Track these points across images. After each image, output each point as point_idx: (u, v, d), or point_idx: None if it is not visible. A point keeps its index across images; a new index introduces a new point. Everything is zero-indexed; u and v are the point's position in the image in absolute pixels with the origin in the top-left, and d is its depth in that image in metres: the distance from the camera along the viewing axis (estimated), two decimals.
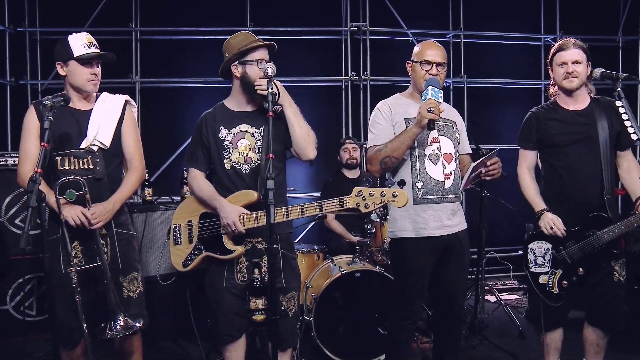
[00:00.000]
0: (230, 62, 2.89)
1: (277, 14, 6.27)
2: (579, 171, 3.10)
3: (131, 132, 3.12)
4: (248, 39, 2.89)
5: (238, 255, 2.85)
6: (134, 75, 6.05)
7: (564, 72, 3.14)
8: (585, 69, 3.12)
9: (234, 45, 2.88)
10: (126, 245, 3.05)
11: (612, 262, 3.09)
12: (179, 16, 6.14)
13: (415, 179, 3.06)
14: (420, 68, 3.10)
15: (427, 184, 3.06)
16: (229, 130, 2.93)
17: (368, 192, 2.61)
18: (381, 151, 3.02)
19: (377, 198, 2.61)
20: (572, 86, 3.12)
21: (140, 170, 3.10)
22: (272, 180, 2.36)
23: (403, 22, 6.42)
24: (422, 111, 2.86)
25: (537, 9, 6.93)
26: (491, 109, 6.89)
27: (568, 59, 3.12)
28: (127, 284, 3.02)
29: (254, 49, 2.86)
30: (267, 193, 2.35)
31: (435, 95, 2.90)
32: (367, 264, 4.30)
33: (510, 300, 5.77)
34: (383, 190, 2.61)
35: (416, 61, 3.13)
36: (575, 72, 3.10)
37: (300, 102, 6.41)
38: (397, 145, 2.97)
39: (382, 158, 3.01)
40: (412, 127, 2.94)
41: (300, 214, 2.73)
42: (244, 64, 2.86)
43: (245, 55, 2.86)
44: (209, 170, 3.02)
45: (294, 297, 2.97)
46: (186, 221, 2.97)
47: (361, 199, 2.62)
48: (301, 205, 2.74)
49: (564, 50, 3.15)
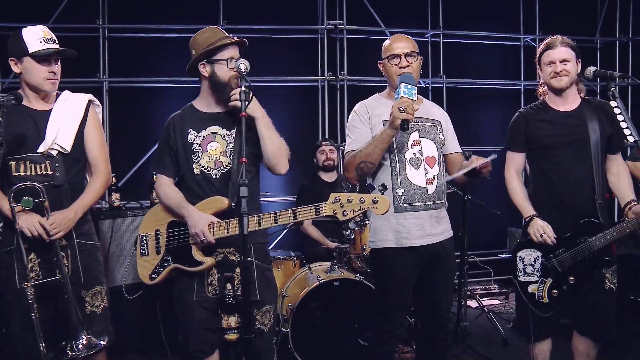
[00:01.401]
0: (197, 60, 2.71)
1: (251, 12, 6.12)
2: (570, 175, 2.98)
3: (95, 134, 2.91)
4: (216, 36, 2.70)
5: (208, 267, 2.68)
6: (101, 75, 5.84)
7: (551, 71, 3.00)
8: (575, 67, 2.99)
9: (201, 42, 2.70)
10: (89, 256, 2.85)
11: (603, 269, 2.97)
12: (149, 13, 5.93)
13: (395, 186, 2.88)
14: (390, 63, 2.92)
15: (408, 190, 2.88)
16: (198, 132, 2.75)
17: (346, 199, 2.44)
18: (356, 157, 2.85)
19: (355, 205, 2.43)
20: (562, 85, 2.99)
21: (105, 175, 2.90)
22: (245, 187, 2.18)
23: (381, 20, 6.34)
24: (394, 111, 2.66)
25: (516, 9, 6.91)
26: (470, 110, 6.83)
27: (556, 58, 2.98)
28: (90, 298, 2.83)
29: (223, 46, 2.67)
30: (239, 201, 2.16)
31: (409, 92, 2.70)
32: (346, 272, 4.16)
33: (492, 305, 5.67)
34: (362, 196, 2.44)
35: (384, 57, 2.96)
36: (563, 70, 2.97)
37: (275, 102, 6.36)
38: (372, 150, 2.79)
39: (358, 164, 2.84)
40: (385, 129, 2.76)
41: (274, 223, 2.56)
42: (212, 63, 2.69)
43: (214, 53, 2.68)
44: (178, 177, 2.85)
45: (270, 310, 2.79)
46: (153, 230, 2.79)
47: (338, 206, 2.44)
48: (274, 212, 2.56)
49: (551, 49, 3.01)
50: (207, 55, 2.68)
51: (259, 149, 2.74)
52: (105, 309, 2.89)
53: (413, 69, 2.89)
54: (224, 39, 2.69)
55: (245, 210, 2.16)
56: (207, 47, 2.66)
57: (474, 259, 6.43)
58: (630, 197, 3.01)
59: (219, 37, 2.69)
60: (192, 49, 2.74)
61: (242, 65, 2.45)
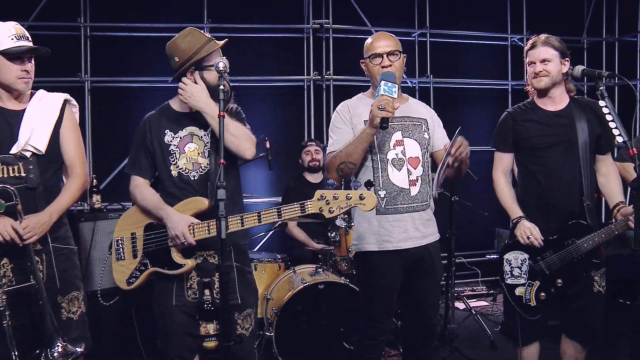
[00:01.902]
0: (185, 69, 2.62)
1: (236, 10, 6.02)
2: (558, 176, 2.93)
3: (71, 135, 2.81)
4: (199, 40, 2.62)
5: (188, 270, 2.61)
6: (82, 74, 5.71)
7: (532, 71, 2.97)
8: (558, 66, 2.93)
9: (185, 49, 2.61)
10: (65, 261, 2.76)
11: (592, 272, 2.93)
12: (132, 11, 5.81)
13: (377, 187, 2.81)
14: (372, 63, 2.86)
15: (390, 192, 2.81)
16: (175, 133, 2.69)
17: (332, 195, 2.38)
18: (336, 157, 2.78)
19: (342, 201, 2.37)
20: (541, 86, 2.95)
21: (82, 178, 2.81)
22: (223, 190, 2.10)
23: (367, 20, 6.28)
24: (373, 109, 2.59)
25: (503, 9, 6.88)
26: (458, 110, 6.80)
27: (536, 58, 2.94)
28: (66, 304, 2.74)
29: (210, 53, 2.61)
30: (217, 203, 2.08)
31: (389, 90, 2.63)
32: (332, 274, 4.10)
33: (480, 307, 5.63)
34: (349, 193, 2.38)
35: (367, 57, 2.89)
36: (543, 71, 2.92)
37: (261, 102, 6.27)
38: (352, 150, 2.72)
39: (338, 164, 2.76)
40: (365, 128, 2.69)
41: (257, 222, 2.48)
42: (201, 69, 2.62)
43: (203, 60, 2.61)
44: (154, 178, 2.78)
45: (251, 314, 2.74)
46: (129, 234, 2.72)
47: (324, 203, 2.38)
48: (258, 212, 2.49)
49: (532, 49, 2.98)
50: (195, 62, 2.60)
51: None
52: (83, 314, 2.80)
53: (396, 68, 2.82)
54: (209, 43, 2.62)
55: (223, 214, 2.08)
56: (195, 57, 2.59)
57: (462, 260, 6.39)
58: (619, 199, 2.97)
59: (203, 43, 2.61)
60: (175, 56, 2.64)
61: (220, 64, 2.38)
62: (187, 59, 2.59)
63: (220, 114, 2.29)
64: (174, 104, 2.76)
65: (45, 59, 2.77)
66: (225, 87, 2.37)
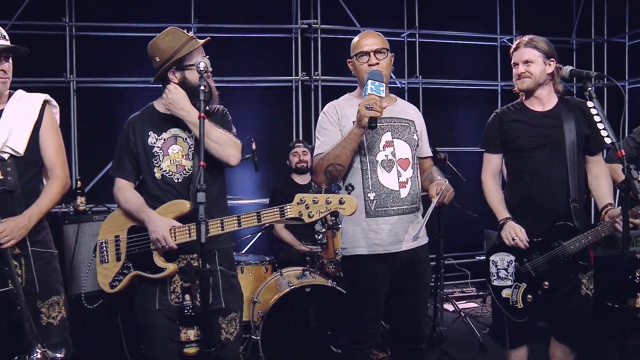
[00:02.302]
0: (166, 69, 2.58)
1: (223, 10, 5.96)
2: (545, 177, 2.90)
3: (51, 136, 2.76)
4: (180, 39, 2.58)
5: (170, 274, 2.57)
6: (67, 74, 5.64)
7: (515, 73, 2.97)
8: (542, 67, 2.90)
9: (166, 49, 2.57)
10: (45, 265, 2.70)
11: (579, 274, 2.90)
12: (119, 11, 5.74)
13: (366, 189, 2.77)
14: (359, 61, 2.81)
15: (380, 194, 2.77)
16: (158, 135, 2.65)
17: (312, 200, 2.32)
18: (324, 159, 2.73)
19: (321, 206, 2.32)
20: (523, 87, 2.94)
21: (62, 180, 2.75)
22: (202, 193, 2.06)
23: (356, 20, 6.24)
24: (360, 109, 2.54)
25: (493, 10, 6.86)
26: (447, 111, 6.78)
27: (518, 60, 2.94)
28: (46, 309, 2.68)
29: (190, 52, 2.57)
30: (197, 207, 2.04)
31: (376, 89, 2.58)
32: (319, 277, 4.05)
33: (469, 309, 5.61)
34: (329, 197, 2.32)
35: (353, 55, 2.85)
36: (526, 72, 2.91)
37: (248, 103, 6.21)
38: (340, 151, 2.67)
39: (326, 167, 2.71)
40: (353, 129, 2.64)
41: (237, 226, 2.44)
42: (182, 69, 2.58)
43: (184, 59, 2.57)
44: (138, 181, 2.74)
45: (236, 318, 2.70)
46: (113, 236, 2.68)
47: (304, 207, 2.33)
48: (237, 215, 2.45)
49: (516, 50, 2.97)
50: (176, 62, 2.56)
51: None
52: (63, 320, 2.74)
53: (383, 67, 2.78)
54: (190, 42, 2.58)
55: (203, 217, 2.04)
56: (176, 56, 2.55)
57: (451, 262, 6.38)
58: (608, 200, 2.94)
59: (184, 42, 2.57)
60: (156, 56, 2.60)
61: (201, 63, 2.33)
62: (168, 58, 2.55)
63: (200, 115, 2.24)
64: (158, 105, 2.71)
65: (30, 59, 2.72)
66: (206, 87, 2.32)
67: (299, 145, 5.00)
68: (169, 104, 2.54)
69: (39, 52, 5.57)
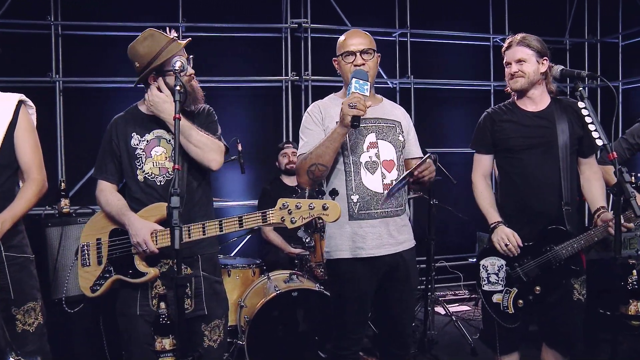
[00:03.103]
0: (146, 75, 2.52)
1: (211, 9, 5.87)
2: (536, 179, 2.83)
3: (27, 137, 2.67)
4: (158, 43, 2.50)
5: (152, 278, 2.51)
6: (53, 74, 5.53)
7: (508, 72, 2.91)
8: (535, 66, 2.84)
9: (144, 54, 2.50)
10: (20, 271, 2.61)
11: (571, 279, 2.83)
12: (105, 9, 5.65)
13: (350, 191, 2.69)
14: (344, 61, 2.74)
15: (363, 196, 2.69)
16: (141, 137, 2.60)
17: (294, 205, 2.25)
18: (307, 159, 2.64)
19: (304, 211, 2.24)
20: (517, 87, 2.88)
21: (38, 183, 2.67)
22: (176, 197, 1.99)
23: (347, 19, 6.16)
24: (343, 107, 2.48)
25: (485, 9, 6.80)
26: (439, 111, 6.73)
27: (511, 58, 2.88)
28: (21, 316, 2.60)
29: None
30: (170, 212, 2.00)
31: (360, 88, 2.52)
32: (307, 281, 3.97)
33: (462, 312, 5.53)
34: (312, 202, 2.25)
35: (339, 54, 2.77)
36: (519, 71, 2.85)
37: (237, 104, 6.14)
38: (322, 151, 2.59)
39: (308, 167, 2.63)
40: (336, 128, 2.57)
41: (219, 231, 2.38)
42: (162, 74, 2.52)
43: (163, 65, 2.50)
44: (121, 183, 2.69)
45: (219, 325, 2.64)
46: (95, 239, 2.63)
47: (287, 213, 2.26)
48: (219, 220, 2.39)
49: (508, 49, 2.92)
50: (155, 68, 2.50)
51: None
52: (40, 326, 2.66)
53: (369, 67, 2.71)
54: (170, 46, 2.50)
55: (177, 223, 1.96)
56: (155, 62, 2.48)
57: (443, 264, 6.33)
58: (600, 204, 2.87)
59: (163, 45, 2.49)
60: (135, 61, 2.54)
61: (177, 63, 2.28)
62: (147, 64, 2.49)
63: (176, 116, 2.18)
64: (142, 106, 2.66)
65: (15, 59, 2.63)
66: (181, 87, 2.24)
67: (288, 146, 4.92)
68: (151, 105, 2.50)
69: (24, 52, 5.55)
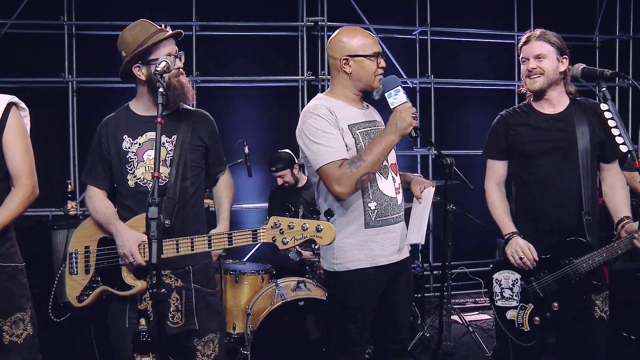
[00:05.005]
0: (130, 63, 2.41)
1: (226, 8, 5.82)
2: (554, 186, 2.63)
3: (17, 141, 2.55)
4: (146, 32, 2.41)
5: (138, 292, 2.40)
6: (66, 74, 5.53)
7: (525, 69, 2.69)
8: (555, 64, 2.63)
9: (131, 42, 2.41)
10: (7, 280, 2.51)
11: (592, 295, 2.62)
12: (119, 9, 5.60)
13: (367, 199, 2.54)
14: (371, 62, 2.57)
15: (381, 202, 2.56)
16: (133, 139, 2.48)
17: (287, 224, 2.16)
18: (359, 167, 2.42)
19: (297, 232, 2.15)
20: (535, 87, 2.66)
21: (28, 189, 2.55)
22: (154, 207, 1.87)
23: (365, 17, 6.04)
24: (406, 117, 2.40)
25: (509, 5, 6.60)
26: (460, 112, 6.57)
27: (529, 54, 2.66)
28: (8, 327, 2.50)
29: (156, 44, 2.38)
30: (148, 224, 1.88)
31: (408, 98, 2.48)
32: (315, 289, 3.86)
33: (481, 321, 5.29)
34: (305, 223, 2.15)
35: (362, 55, 2.57)
36: (538, 68, 2.63)
37: (252, 103, 6.05)
38: (378, 159, 2.43)
39: (361, 176, 2.43)
40: (390, 136, 2.43)
41: (207, 247, 2.30)
42: (148, 64, 2.40)
43: (149, 53, 2.39)
44: (111, 188, 2.58)
45: (214, 340, 2.55)
46: (83, 247, 2.53)
47: (278, 232, 2.16)
48: (208, 236, 2.32)
49: (526, 44, 2.70)
50: (140, 56, 2.39)
51: (201, 158, 2.56)
52: (30, 337, 2.56)
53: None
54: (156, 34, 2.40)
55: (154, 235, 1.84)
56: (138, 48, 2.37)
57: (463, 270, 6.15)
58: (624, 213, 2.65)
59: (150, 34, 2.40)
60: (122, 50, 2.45)
61: (162, 63, 2.18)
62: (132, 51, 2.38)
63: (158, 120, 2.05)
64: (134, 106, 2.54)
65: (28, 59, 2.55)
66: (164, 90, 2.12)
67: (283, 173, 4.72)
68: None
69: (37, 52, 5.54)
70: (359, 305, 2.58)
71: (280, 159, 4.63)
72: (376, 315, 2.67)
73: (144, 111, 2.51)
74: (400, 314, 2.70)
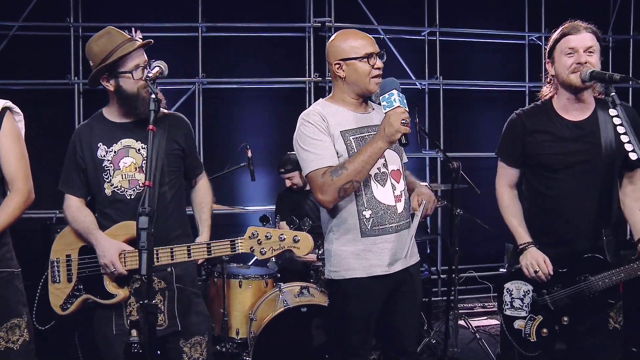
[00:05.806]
0: (98, 74, 2.37)
1: (232, 9, 5.78)
2: (574, 203, 2.47)
3: (11, 146, 2.53)
4: (114, 42, 2.36)
5: (122, 300, 2.43)
6: (72, 76, 5.53)
7: (572, 62, 2.38)
8: (599, 62, 2.42)
9: (97, 52, 2.37)
10: (3, 286, 2.49)
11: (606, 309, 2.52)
12: (124, 11, 5.61)
13: (361, 207, 2.46)
14: (363, 64, 2.47)
15: (376, 211, 2.47)
16: (108, 147, 2.47)
17: (264, 235, 2.21)
18: (340, 175, 2.36)
19: (274, 242, 2.21)
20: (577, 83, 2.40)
21: (23, 194, 2.53)
22: (145, 217, 1.83)
23: (373, 17, 5.97)
24: (394, 123, 2.28)
25: (520, 5, 6.50)
26: (469, 114, 6.49)
27: (579, 45, 2.38)
28: (4, 333, 2.49)
29: (124, 57, 2.34)
30: (139, 233, 1.85)
31: (402, 101, 2.34)
32: (319, 295, 3.80)
33: (490, 326, 5.21)
34: (282, 233, 2.21)
35: (355, 57, 2.47)
36: (588, 63, 2.36)
37: (259, 105, 6.00)
38: (362, 167, 2.34)
39: (343, 184, 2.36)
40: (377, 143, 2.33)
41: (187, 257, 2.33)
42: (115, 76, 2.36)
43: (116, 65, 2.35)
44: (89, 197, 2.57)
45: (201, 343, 2.56)
46: (64, 256, 2.53)
47: (256, 242, 2.22)
48: (187, 245, 2.34)
49: (572, 34, 2.42)
50: (108, 68, 2.35)
51: (179, 162, 2.55)
52: (26, 343, 2.54)
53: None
54: (123, 45, 2.35)
55: (144, 246, 1.81)
56: (106, 60, 2.33)
57: (472, 274, 6.07)
58: None
59: (117, 45, 2.35)
60: (90, 59, 2.42)
61: (155, 69, 2.15)
62: (99, 62, 2.34)
63: (150, 127, 2.02)
64: (107, 113, 2.51)
65: (35, 61, 2.53)
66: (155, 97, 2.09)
67: (292, 175, 4.66)
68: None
69: (44, 54, 5.55)
70: (357, 314, 2.52)
71: (289, 160, 4.59)
72: (381, 324, 2.61)
73: (117, 117, 2.49)
74: (403, 324, 2.61)
